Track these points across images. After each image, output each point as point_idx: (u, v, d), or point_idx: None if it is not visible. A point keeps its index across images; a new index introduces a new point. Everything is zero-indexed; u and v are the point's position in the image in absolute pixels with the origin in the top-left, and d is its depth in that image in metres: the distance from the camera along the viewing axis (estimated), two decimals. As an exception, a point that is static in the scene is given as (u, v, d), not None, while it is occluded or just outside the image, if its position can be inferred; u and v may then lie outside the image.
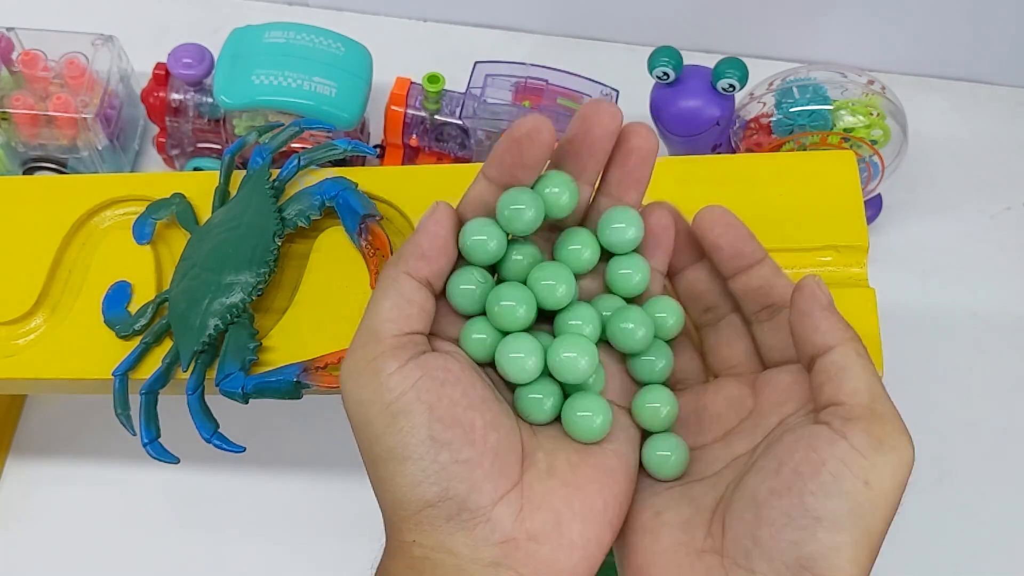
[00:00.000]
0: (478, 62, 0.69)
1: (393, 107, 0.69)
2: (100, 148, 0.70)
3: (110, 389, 0.48)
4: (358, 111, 0.67)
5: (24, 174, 0.71)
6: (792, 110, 0.65)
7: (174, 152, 0.72)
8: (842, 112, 0.65)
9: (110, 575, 0.63)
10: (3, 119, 0.68)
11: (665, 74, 0.65)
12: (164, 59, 0.69)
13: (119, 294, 0.51)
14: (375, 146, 0.73)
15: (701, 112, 0.65)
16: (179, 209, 0.52)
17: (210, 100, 0.69)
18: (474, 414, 0.35)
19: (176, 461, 0.48)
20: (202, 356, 0.47)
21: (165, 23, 0.82)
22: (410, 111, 0.70)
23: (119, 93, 0.71)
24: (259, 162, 0.52)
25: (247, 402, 0.46)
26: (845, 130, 0.65)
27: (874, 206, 0.72)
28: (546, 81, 0.68)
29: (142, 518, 0.64)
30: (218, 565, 0.63)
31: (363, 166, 0.71)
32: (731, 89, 0.64)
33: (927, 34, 0.78)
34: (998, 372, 0.68)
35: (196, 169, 0.71)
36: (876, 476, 0.32)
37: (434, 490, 0.34)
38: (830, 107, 0.65)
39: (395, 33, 0.83)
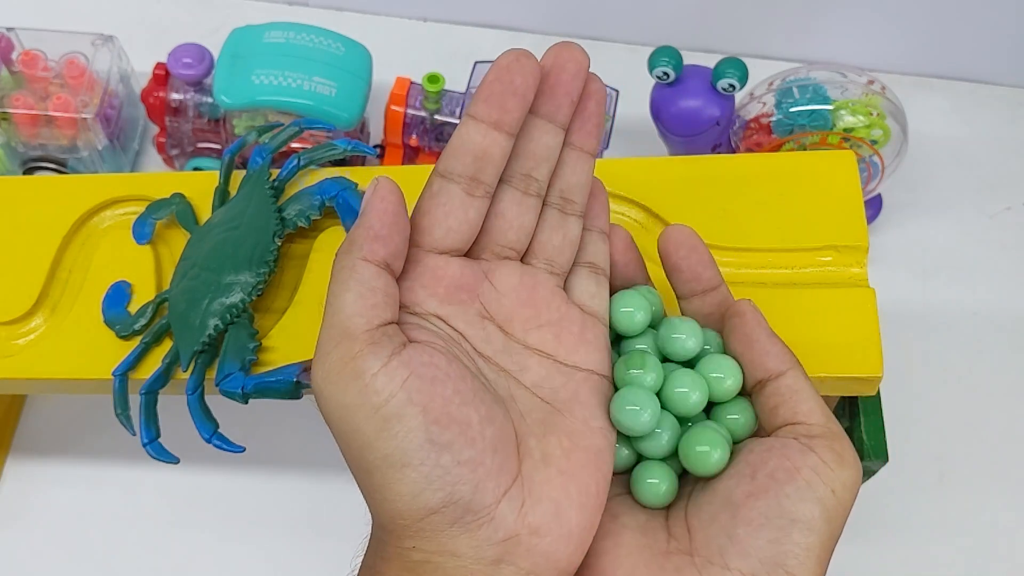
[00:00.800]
0: (478, 62, 0.69)
1: (393, 107, 0.69)
2: (100, 148, 0.70)
3: (110, 389, 0.48)
4: (358, 111, 0.67)
5: (24, 174, 0.71)
6: (792, 110, 0.65)
7: (174, 152, 0.72)
8: (842, 112, 0.65)
9: (110, 575, 0.63)
10: (3, 119, 0.68)
11: (665, 74, 0.65)
12: (164, 59, 0.69)
13: (119, 294, 0.51)
14: (375, 146, 0.73)
15: (701, 112, 0.65)
16: (179, 209, 0.52)
17: (210, 100, 0.69)
18: (469, 410, 0.33)
19: (176, 461, 0.48)
20: (202, 356, 0.47)
21: (165, 23, 0.82)
22: (410, 111, 0.70)
23: (119, 93, 0.71)
24: (259, 162, 0.52)
25: (247, 402, 0.46)
26: (845, 130, 0.65)
27: (874, 206, 0.72)
28: (546, 81, 0.68)
29: (142, 518, 0.64)
30: (218, 565, 0.63)
31: (363, 166, 0.71)
32: (731, 89, 0.64)
33: (927, 34, 0.78)
34: (998, 372, 0.68)
35: (196, 169, 0.71)
36: (840, 486, 0.35)
37: (438, 496, 0.33)
38: (830, 107, 0.65)
39: (395, 33, 0.83)
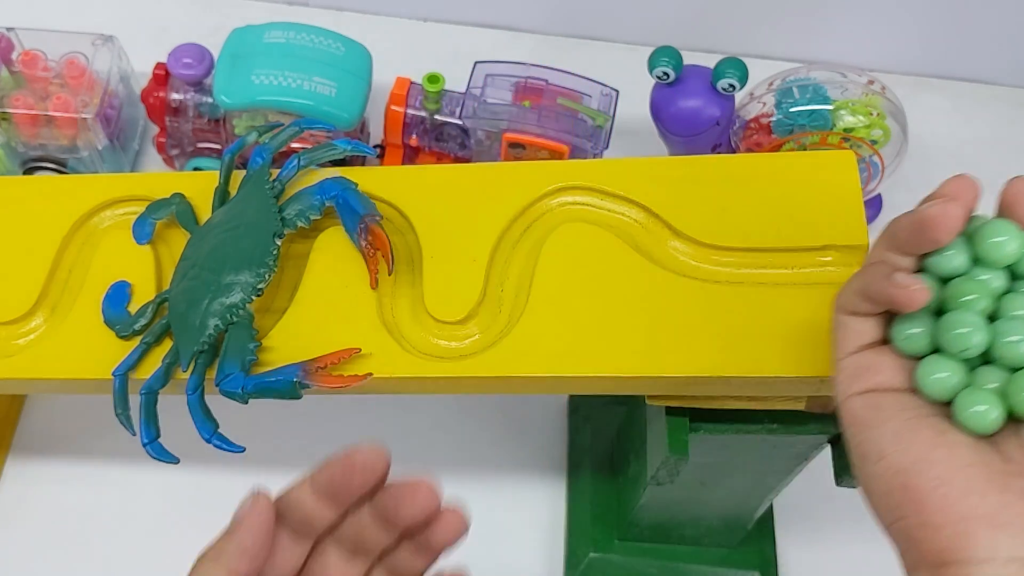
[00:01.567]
0: (478, 62, 0.69)
1: (393, 107, 0.69)
2: (100, 148, 0.70)
3: (110, 389, 0.48)
4: (358, 111, 0.67)
5: (24, 174, 0.71)
6: (792, 110, 0.65)
7: (174, 152, 0.72)
8: (842, 112, 0.65)
9: (110, 575, 0.63)
10: (3, 119, 0.68)
11: (665, 74, 0.65)
12: (164, 59, 0.69)
13: (119, 294, 0.51)
14: (375, 146, 0.73)
15: (701, 112, 0.65)
16: (179, 209, 0.52)
17: (210, 100, 0.69)
18: None
19: (176, 461, 0.48)
20: (202, 356, 0.47)
21: (165, 23, 0.82)
22: (410, 111, 0.70)
23: (119, 93, 0.72)
24: (259, 162, 0.52)
25: (247, 402, 0.46)
26: (845, 130, 0.65)
27: (874, 206, 0.72)
28: (546, 81, 0.68)
29: (142, 518, 0.65)
30: (218, 565, 0.63)
31: (363, 166, 0.71)
32: (731, 89, 0.64)
33: (927, 34, 0.78)
34: (998, 372, 0.68)
35: (196, 169, 0.71)
36: None
37: None
38: (830, 107, 0.65)
39: (395, 33, 0.83)
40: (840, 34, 0.78)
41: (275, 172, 0.52)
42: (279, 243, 0.48)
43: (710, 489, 0.56)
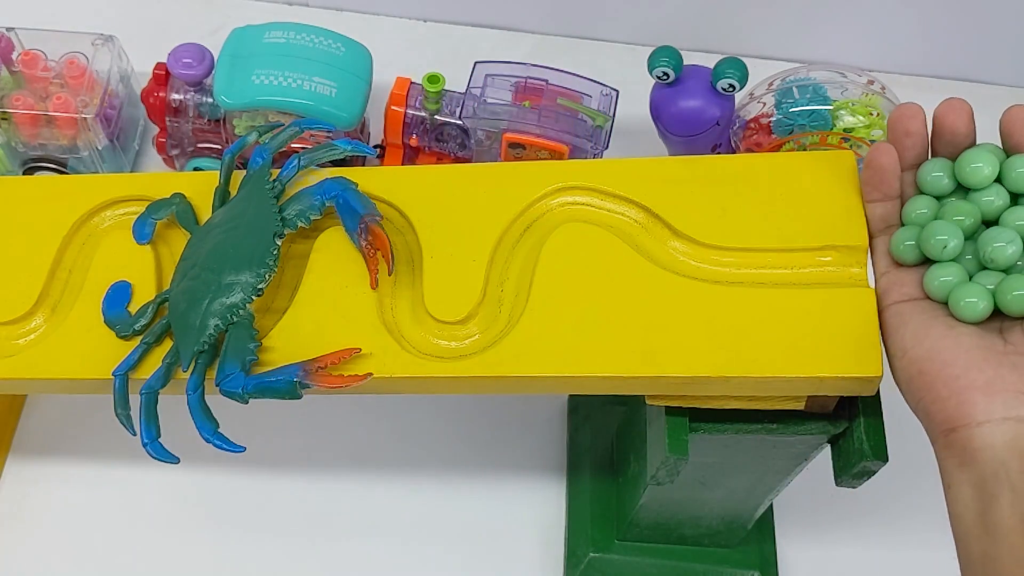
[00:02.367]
0: (478, 62, 0.69)
1: (393, 107, 0.69)
2: (100, 148, 0.70)
3: (110, 389, 0.48)
4: (358, 111, 0.67)
5: (24, 174, 0.71)
6: (792, 110, 0.65)
7: (174, 152, 0.72)
8: (842, 112, 0.65)
9: (110, 575, 0.63)
10: (3, 119, 0.68)
11: (665, 74, 0.65)
12: (164, 59, 0.69)
13: (119, 294, 0.51)
14: (375, 146, 0.73)
15: (701, 112, 0.65)
16: (179, 209, 0.52)
17: (210, 100, 0.69)
18: None
19: (176, 461, 0.48)
20: (202, 356, 0.47)
21: (165, 23, 0.82)
22: (410, 111, 0.70)
23: (119, 93, 0.72)
24: (259, 162, 0.52)
25: (247, 402, 0.46)
26: (845, 130, 0.65)
27: (874, 206, 0.72)
28: (546, 81, 0.68)
29: (142, 518, 0.65)
30: (218, 565, 0.63)
31: (363, 166, 0.71)
32: (731, 89, 0.64)
33: (927, 34, 0.78)
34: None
35: (196, 169, 0.71)
36: None
37: None
38: (830, 107, 0.65)
39: (395, 33, 0.83)
40: (840, 34, 0.78)
41: (275, 172, 0.52)
42: (279, 243, 0.48)
43: (710, 489, 0.56)
